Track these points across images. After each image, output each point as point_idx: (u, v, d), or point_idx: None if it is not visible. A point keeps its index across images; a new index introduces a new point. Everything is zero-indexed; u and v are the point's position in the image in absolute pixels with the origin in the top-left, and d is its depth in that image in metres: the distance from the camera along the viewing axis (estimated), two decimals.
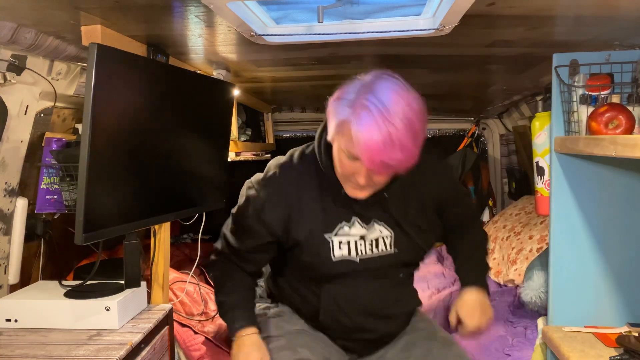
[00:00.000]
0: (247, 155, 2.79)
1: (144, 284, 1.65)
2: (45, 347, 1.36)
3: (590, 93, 1.33)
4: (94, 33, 1.33)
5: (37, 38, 1.39)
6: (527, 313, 2.12)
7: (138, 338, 1.42)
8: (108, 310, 1.46)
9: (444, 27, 1.33)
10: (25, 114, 1.61)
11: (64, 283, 1.61)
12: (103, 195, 1.29)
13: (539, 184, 1.70)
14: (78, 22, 1.31)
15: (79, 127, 1.88)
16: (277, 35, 1.48)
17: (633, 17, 1.24)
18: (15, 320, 1.49)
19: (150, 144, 1.46)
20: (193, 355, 2.01)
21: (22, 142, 1.64)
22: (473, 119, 3.94)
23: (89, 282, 1.58)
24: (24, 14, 1.23)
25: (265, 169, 1.34)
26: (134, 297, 1.58)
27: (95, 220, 1.26)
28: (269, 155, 3.10)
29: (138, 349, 1.43)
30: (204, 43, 1.60)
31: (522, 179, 3.62)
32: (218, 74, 2.03)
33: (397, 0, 1.40)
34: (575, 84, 1.37)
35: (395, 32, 1.42)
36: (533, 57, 1.77)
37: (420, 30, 1.39)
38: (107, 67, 1.21)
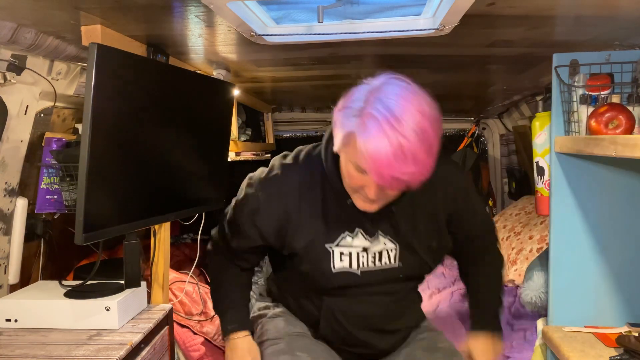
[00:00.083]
0: (247, 155, 2.79)
1: (144, 284, 1.65)
2: (45, 347, 1.36)
3: (590, 93, 1.33)
4: (94, 33, 1.33)
5: (37, 38, 1.39)
6: (526, 315, 2.12)
7: (138, 338, 1.42)
8: (108, 310, 1.46)
9: (444, 27, 1.33)
10: (25, 114, 1.61)
11: (64, 283, 1.61)
12: (103, 195, 1.29)
13: (539, 184, 1.70)
14: (78, 22, 1.31)
15: (79, 127, 1.88)
16: (277, 35, 1.48)
17: (633, 17, 1.24)
18: (15, 320, 1.49)
19: (150, 144, 1.46)
20: (192, 356, 2.01)
21: (22, 142, 1.64)
22: (473, 119, 3.95)
23: (89, 282, 1.59)
24: (24, 14, 1.23)
25: (269, 166, 1.28)
26: (134, 297, 1.58)
27: (95, 220, 1.26)
28: (269, 155, 3.10)
29: (138, 349, 1.43)
30: (204, 43, 1.60)
31: (522, 179, 3.62)
32: (218, 74, 2.03)
33: (397, 0, 1.40)
34: (575, 84, 1.37)
35: (395, 32, 1.42)
36: (533, 57, 1.77)
37: (420, 30, 1.39)
38: (107, 67, 1.21)
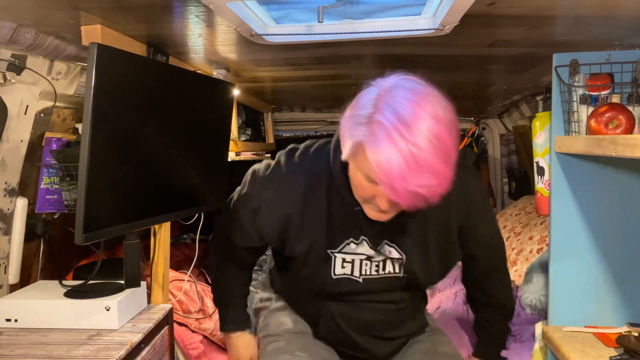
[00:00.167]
0: (247, 155, 2.79)
1: (144, 284, 1.65)
2: (45, 347, 1.36)
3: (591, 93, 1.33)
4: (94, 33, 1.33)
5: (37, 38, 1.39)
6: (525, 319, 2.12)
7: (138, 338, 1.42)
8: (108, 310, 1.46)
9: (444, 27, 1.33)
10: (25, 114, 1.61)
11: (64, 283, 1.61)
12: (103, 195, 1.29)
13: (539, 184, 1.70)
14: (78, 22, 1.31)
15: (79, 127, 1.88)
16: (277, 35, 1.48)
17: (633, 17, 1.24)
18: (15, 320, 1.49)
19: (150, 144, 1.46)
20: (191, 354, 2.02)
21: (22, 141, 1.64)
22: (473, 119, 3.95)
23: (89, 282, 1.58)
24: (24, 14, 1.23)
25: (275, 161, 1.20)
26: (134, 297, 1.58)
27: (95, 220, 1.26)
28: (269, 155, 3.10)
29: (138, 349, 1.43)
30: (204, 43, 1.60)
31: (522, 179, 3.62)
32: (218, 74, 2.03)
33: (397, 0, 1.40)
34: (576, 84, 1.37)
35: (395, 32, 1.42)
36: (533, 57, 1.77)
37: (420, 30, 1.39)
38: (107, 67, 1.20)
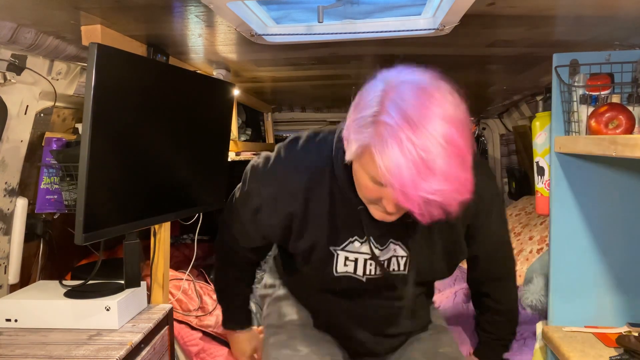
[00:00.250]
0: (247, 155, 2.79)
1: (144, 284, 1.65)
2: (45, 347, 1.36)
3: (591, 93, 1.33)
4: (94, 33, 1.33)
5: (37, 38, 1.39)
6: (526, 318, 2.12)
7: (138, 338, 1.42)
8: (108, 310, 1.46)
9: (444, 27, 1.33)
10: (25, 114, 1.61)
11: (64, 283, 1.61)
12: (103, 195, 1.29)
13: (539, 184, 1.70)
14: (78, 22, 1.31)
15: (79, 127, 1.88)
16: (277, 35, 1.48)
17: (633, 17, 1.24)
18: (15, 320, 1.49)
19: (150, 144, 1.46)
20: (190, 351, 2.02)
21: (22, 142, 1.64)
22: (473, 119, 3.95)
23: (89, 282, 1.58)
24: (24, 14, 1.23)
25: (275, 152, 1.14)
26: (134, 297, 1.58)
27: (95, 220, 1.26)
28: None
29: (138, 349, 1.43)
30: (204, 43, 1.60)
31: (522, 179, 3.62)
32: (218, 74, 2.03)
33: (397, 0, 1.40)
34: (576, 84, 1.37)
35: (395, 32, 1.42)
36: (533, 57, 1.77)
37: (420, 30, 1.39)
38: (107, 67, 1.20)
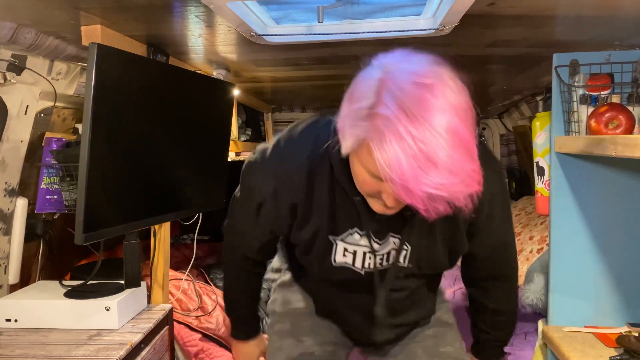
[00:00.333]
0: (247, 156, 2.78)
1: (144, 284, 1.65)
2: (45, 347, 1.36)
3: (591, 93, 1.33)
4: (94, 33, 1.33)
5: (37, 38, 1.39)
6: (527, 316, 2.12)
7: (138, 338, 1.42)
8: (108, 310, 1.46)
9: (444, 27, 1.33)
10: (25, 114, 1.61)
11: (64, 283, 1.61)
12: (103, 195, 1.29)
13: (539, 184, 1.70)
14: (78, 22, 1.31)
15: (79, 127, 1.88)
16: (277, 35, 1.48)
17: (633, 17, 1.24)
18: (15, 320, 1.49)
19: (150, 144, 1.46)
20: (190, 352, 2.02)
21: (22, 142, 1.64)
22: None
23: (89, 282, 1.58)
24: (24, 14, 1.23)
25: (273, 144, 1.08)
26: (134, 297, 1.58)
27: (95, 220, 1.26)
28: None
29: (138, 349, 1.43)
30: (204, 43, 1.60)
31: (522, 179, 3.62)
32: (218, 74, 2.03)
33: (397, 0, 1.40)
34: (576, 84, 1.37)
35: (395, 32, 1.42)
36: (533, 57, 1.77)
37: (420, 30, 1.39)
38: (107, 67, 1.21)
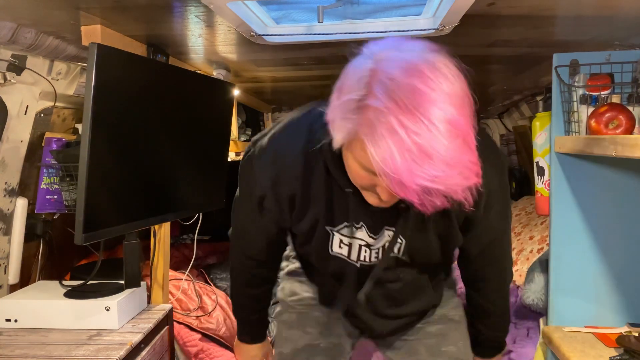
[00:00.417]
0: None
1: (144, 284, 1.65)
2: (45, 347, 1.36)
3: (591, 93, 1.33)
4: (94, 33, 1.33)
5: (37, 38, 1.39)
6: (529, 314, 2.12)
7: (138, 338, 1.42)
8: (108, 310, 1.46)
9: (444, 27, 1.33)
10: (25, 114, 1.61)
11: (64, 283, 1.61)
12: (103, 195, 1.29)
13: (539, 184, 1.70)
14: (78, 22, 1.31)
15: (79, 127, 1.88)
16: (277, 35, 1.48)
17: (633, 17, 1.24)
18: (15, 320, 1.49)
19: (150, 144, 1.46)
20: (190, 352, 2.02)
21: (22, 142, 1.64)
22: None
23: (89, 282, 1.58)
24: (24, 14, 1.23)
25: (269, 137, 1.06)
26: (134, 297, 1.58)
27: (95, 220, 1.26)
28: None
29: (138, 349, 1.43)
30: (204, 43, 1.60)
31: (522, 179, 3.62)
32: (218, 74, 2.03)
33: (397, 0, 1.40)
34: (576, 84, 1.37)
35: (395, 32, 1.41)
36: (533, 57, 1.77)
37: (420, 30, 1.39)
38: (107, 67, 1.21)
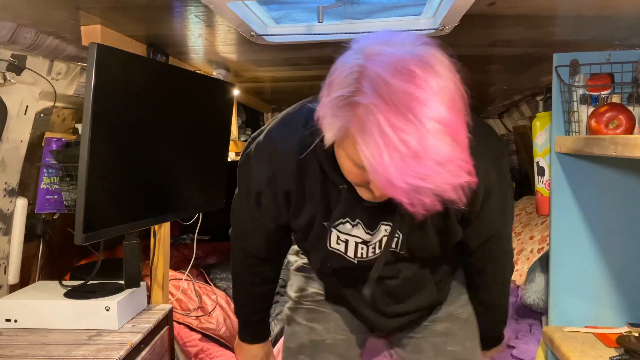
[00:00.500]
0: None
1: (144, 284, 1.65)
2: (45, 347, 1.36)
3: (591, 93, 1.33)
4: (94, 33, 1.33)
5: (37, 38, 1.39)
6: (531, 312, 2.12)
7: (138, 338, 1.42)
8: (108, 311, 1.46)
9: (444, 27, 1.33)
10: (25, 114, 1.61)
11: (64, 283, 1.61)
12: (103, 195, 1.29)
13: (540, 184, 1.70)
14: (78, 22, 1.31)
15: (79, 127, 1.88)
16: (277, 35, 1.48)
17: (633, 17, 1.24)
18: (15, 321, 1.49)
19: (150, 144, 1.46)
20: (190, 352, 2.02)
21: (22, 142, 1.64)
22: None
23: (89, 282, 1.58)
24: (24, 14, 1.23)
25: (265, 134, 1.06)
26: (134, 297, 1.58)
27: (95, 220, 1.26)
28: None
29: (138, 349, 1.43)
30: (204, 43, 1.60)
31: (522, 179, 3.62)
32: (218, 74, 2.03)
33: (397, 0, 1.40)
34: (576, 84, 1.37)
35: None
36: (533, 57, 1.77)
37: (421, 30, 1.39)
38: (107, 67, 1.20)
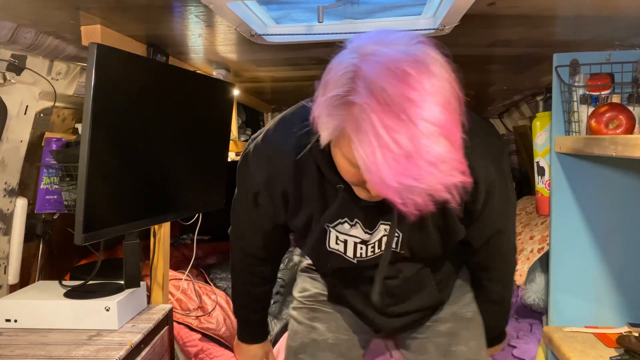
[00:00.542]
0: None
1: (144, 284, 1.65)
2: (45, 347, 1.35)
3: (591, 93, 1.33)
4: (94, 33, 1.33)
5: (36, 38, 1.39)
6: (532, 312, 2.12)
7: (138, 338, 1.42)
8: (108, 311, 1.46)
9: (444, 27, 1.33)
10: (25, 114, 1.61)
11: (64, 283, 1.61)
12: (103, 195, 1.29)
13: (540, 184, 1.70)
14: (78, 22, 1.31)
15: (79, 127, 1.88)
16: (277, 35, 1.48)
17: (633, 17, 1.24)
18: (15, 321, 1.49)
19: (150, 144, 1.46)
20: (190, 352, 2.02)
21: (21, 142, 1.64)
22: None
23: (89, 282, 1.58)
24: (24, 14, 1.23)
25: (263, 135, 1.06)
26: (134, 297, 1.58)
27: (95, 220, 1.26)
28: None
29: (138, 349, 1.42)
30: (204, 43, 1.60)
31: (522, 179, 3.62)
32: (218, 74, 2.03)
33: (397, 0, 1.40)
34: (576, 84, 1.37)
35: None
36: (533, 57, 1.77)
37: (421, 30, 1.39)
38: (107, 67, 1.20)
